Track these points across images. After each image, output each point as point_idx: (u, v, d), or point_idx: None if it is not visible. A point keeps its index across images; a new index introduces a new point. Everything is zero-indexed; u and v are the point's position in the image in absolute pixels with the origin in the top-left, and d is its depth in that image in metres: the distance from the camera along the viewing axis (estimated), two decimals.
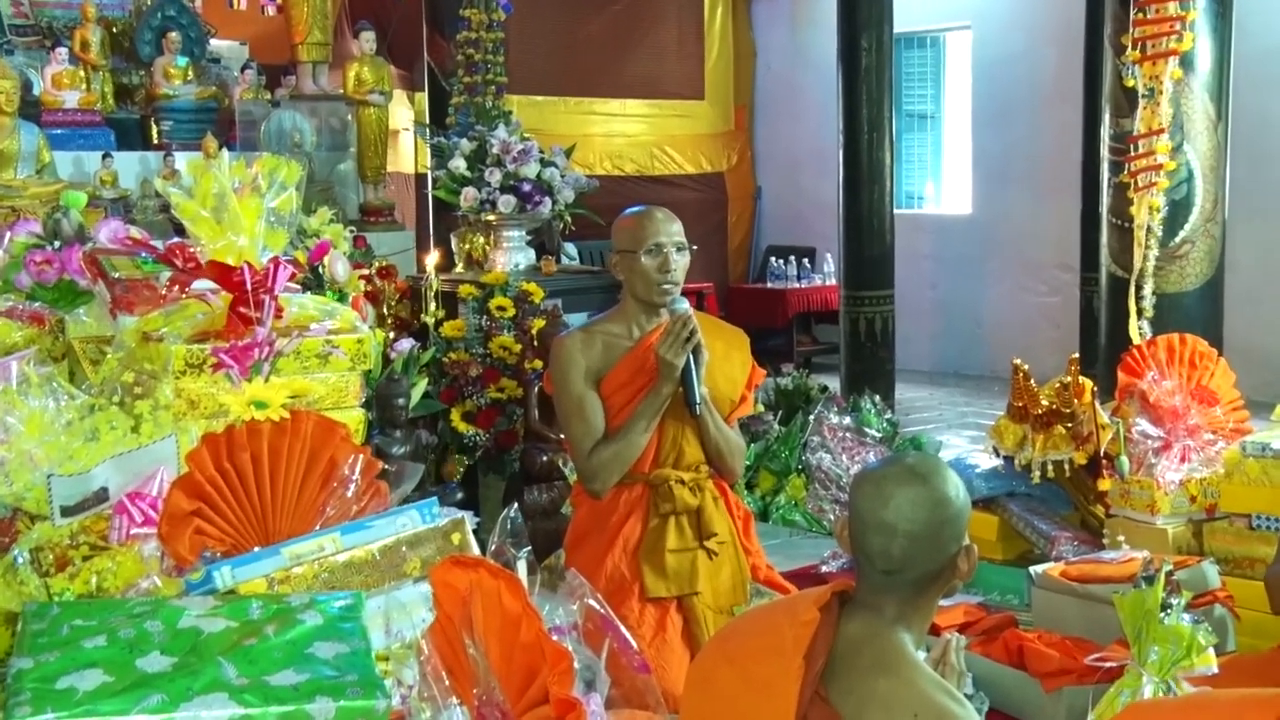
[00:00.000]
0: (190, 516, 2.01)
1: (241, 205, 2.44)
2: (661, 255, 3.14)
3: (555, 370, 3.20)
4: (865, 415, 6.57)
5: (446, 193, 6.46)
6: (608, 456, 3.12)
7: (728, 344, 3.31)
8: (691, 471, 3.20)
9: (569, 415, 3.18)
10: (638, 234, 3.16)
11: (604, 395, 3.16)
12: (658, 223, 3.17)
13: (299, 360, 2.37)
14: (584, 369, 3.15)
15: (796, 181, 12.12)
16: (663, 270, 3.14)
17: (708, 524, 3.18)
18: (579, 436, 3.16)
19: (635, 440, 3.12)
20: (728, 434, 3.24)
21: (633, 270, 3.16)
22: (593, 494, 3.18)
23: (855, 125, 8.10)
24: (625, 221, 3.22)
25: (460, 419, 5.53)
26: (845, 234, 8.28)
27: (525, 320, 5.73)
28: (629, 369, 3.16)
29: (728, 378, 3.27)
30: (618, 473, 3.15)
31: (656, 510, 3.17)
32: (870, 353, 8.24)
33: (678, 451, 3.19)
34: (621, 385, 3.16)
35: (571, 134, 9.88)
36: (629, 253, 3.16)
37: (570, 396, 3.16)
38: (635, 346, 3.19)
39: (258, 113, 8.78)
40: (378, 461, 2.14)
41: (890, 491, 1.96)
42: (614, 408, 3.16)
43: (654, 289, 3.15)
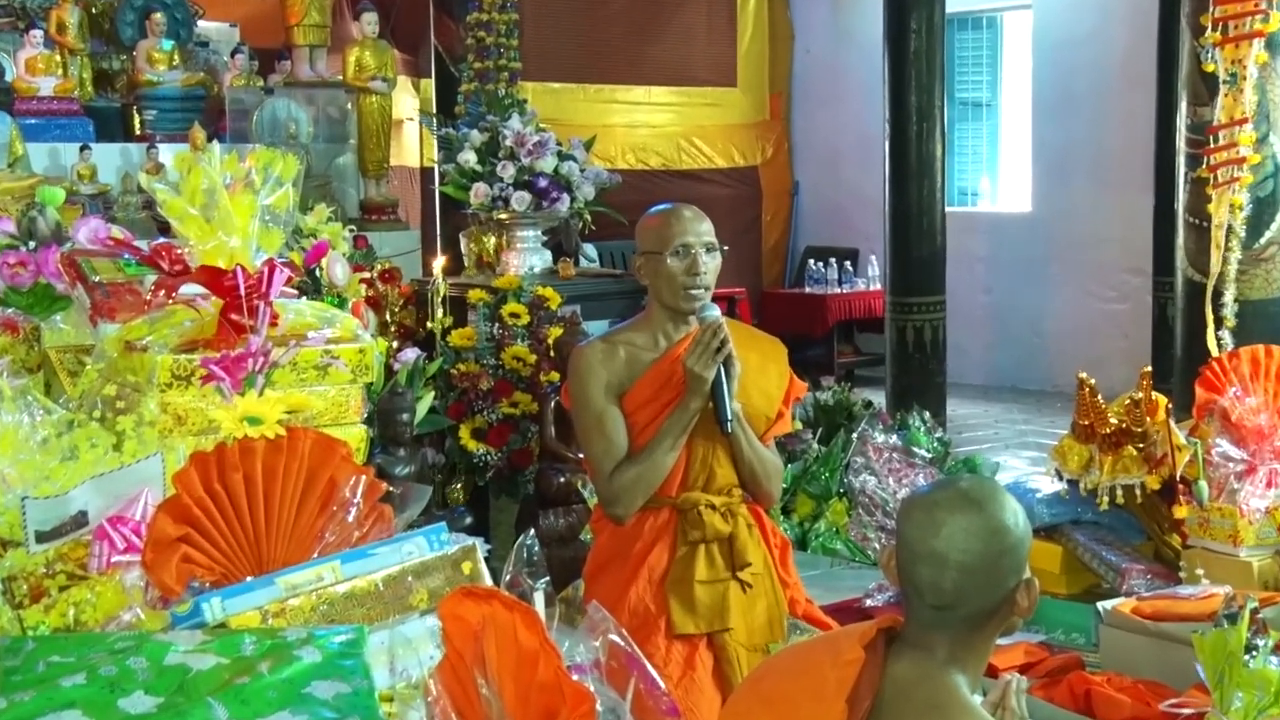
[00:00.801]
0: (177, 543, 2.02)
1: (233, 202, 2.46)
2: (689, 257, 3.14)
3: (573, 383, 3.21)
4: (914, 434, 6.55)
5: (455, 189, 6.48)
6: (630, 478, 3.13)
7: (763, 355, 3.31)
8: (723, 496, 3.20)
9: (588, 433, 3.18)
10: (663, 233, 3.16)
11: (627, 411, 3.16)
12: (685, 221, 3.17)
13: (295, 372, 2.38)
14: (605, 382, 3.15)
15: (838, 176, 12.11)
16: (691, 273, 3.14)
17: (741, 553, 3.18)
18: (599, 456, 3.16)
19: (661, 460, 3.12)
20: (763, 454, 3.23)
21: (658, 274, 3.16)
22: (614, 519, 3.18)
23: (903, 114, 8.10)
24: (650, 221, 3.22)
25: (470, 436, 5.54)
26: (891, 234, 8.27)
27: (541, 328, 5.74)
28: (654, 383, 3.16)
29: (763, 392, 3.26)
30: (642, 496, 3.15)
31: (684, 538, 3.17)
32: (919, 365, 8.22)
33: (708, 473, 3.19)
34: (646, 400, 3.16)
35: (591, 124, 9.90)
36: (654, 254, 3.16)
37: (589, 412, 3.16)
38: (661, 358, 3.18)
39: (249, 101, 8.84)
40: (381, 483, 2.15)
41: (942, 518, 1.96)
42: (638, 425, 3.16)
43: (681, 294, 3.15)
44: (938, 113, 8.13)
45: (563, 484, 5.25)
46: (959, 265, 9.38)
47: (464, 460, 5.58)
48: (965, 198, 11.53)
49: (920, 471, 5.57)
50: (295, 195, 2.58)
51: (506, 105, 6.80)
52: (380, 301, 5.84)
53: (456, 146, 6.50)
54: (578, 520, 5.23)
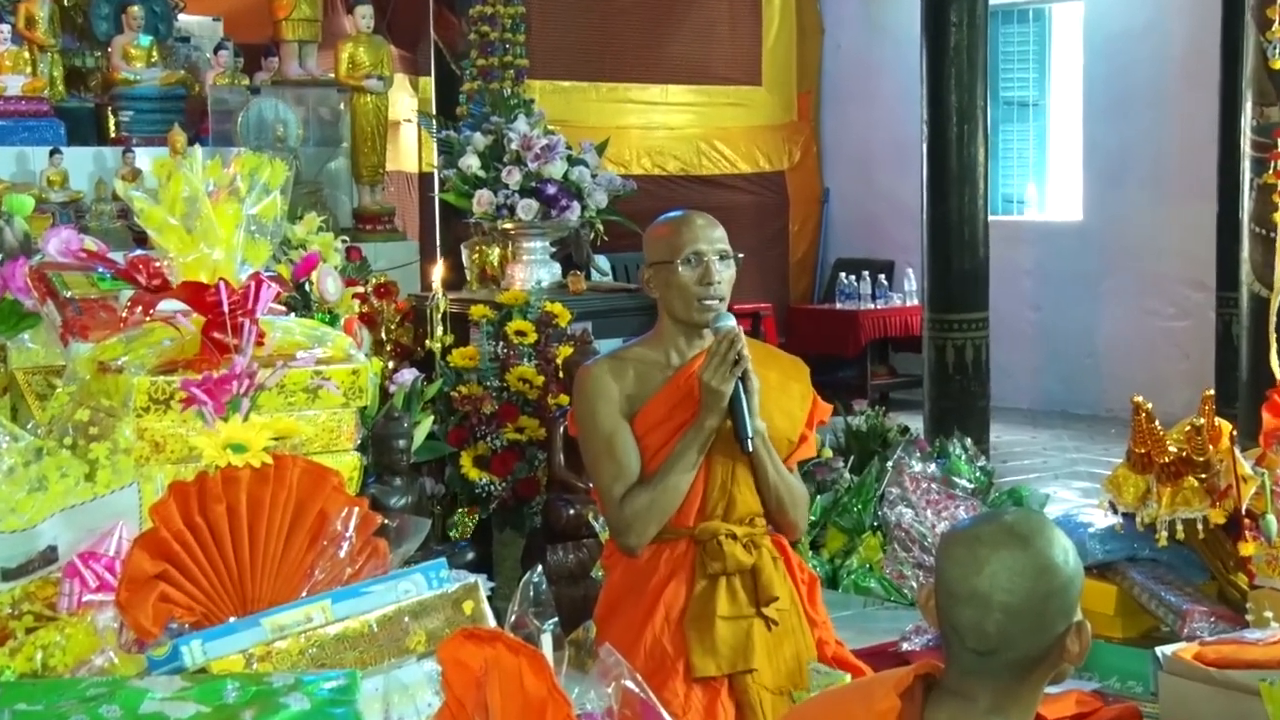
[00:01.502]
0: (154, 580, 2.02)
1: (217, 212, 2.47)
2: (702, 265, 3.16)
3: (580, 404, 3.22)
4: (954, 462, 6.54)
5: (456, 196, 6.51)
6: (643, 505, 3.13)
7: (784, 374, 3.32)
8: (745, 525, 3.20)
9: (597, 457, 3.19)
10: (673, 241, 3.18)
11: (639, 434, 3.17)
12: (697, 228, 3.19)
13: (284, 395, 2.39)
14: (614, 402, 3.16)
15: (871, 182, 12.12)
16: (704, 282, 3.15)
17: (766, 587, 3.18)
18: (608, 481, 3.17)
19: (675, 484, 3.13)
20: (789, 479, 3.24)
21: (668, 285, 3.18)
22: (626, 550, 3.18)
23: (942, 115, 8.11)
24: (658, 229, 3.25)
25: (472, 464, 5.55)
26: (930, 245, 8.27)
27: (549, 348, 5.75)
28: (668, 402, 3.17)
29: (785, 412, 3.27)
30: (655, 525, 3.15)
31: (704, 570, 3.17)
32: (960, 387, 8.21)
33: (728, 500, 3.19)
34: (659, 421, 3.17)
35: (604, 126, 9.92)
36: (663, 264, 3.18)
37: (597, 434, 3.17)
38: (675, 375, 3.19)
39: (234, 101, 8.89)
40: (376, 516, 2.15)
41: (985, 555, 1.96)
42: (650, 448, 3.17)
43: (694, 305, 3.16)
44: (980, 113, 8.14)
45: (572, 516, 5.25)
46: (1003, 279, 9.37)
47: (465, 490, 5.58)
48: (1010, 206, 11.53)
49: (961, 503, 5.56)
50: (284, 203, 2.58)
51: (512, 105, 6.82)
52: (375, 318, 5.85)
53: (458, 150, 6.52)
54: (588, 556, 5.23)
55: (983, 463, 6.92)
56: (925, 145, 8.23)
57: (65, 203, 8.07)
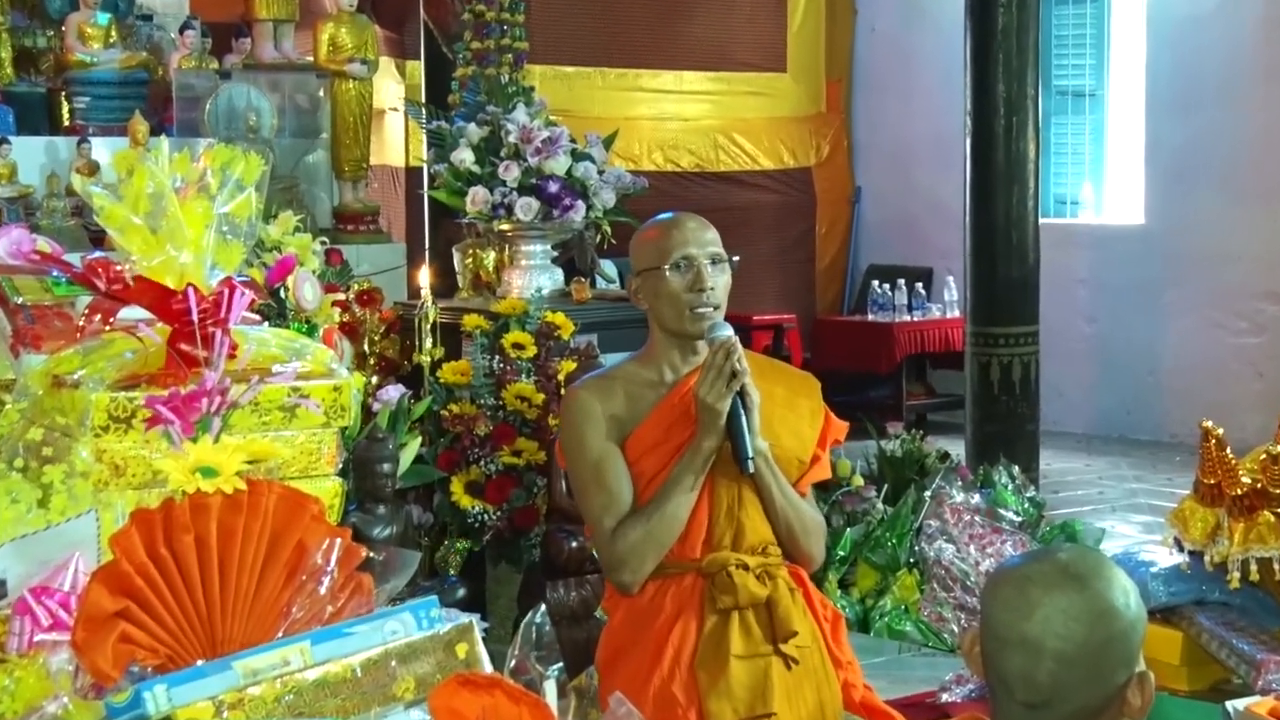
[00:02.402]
0: (114, 619, 2.03)
1: (184, 210, 2.48)
2: (693, 270, 3.19)
3: (565, 430, 3.25)
4: (1000, 492, 6.54)
5: (448, 194, 6.52)
6: (637, 537, 3.14)
7: (790, 389, 3.34)
8: (758, 555, 3.21)
9: (584, 487, 3.21)
10: (660, 246, 3.22)
11: (631, 459, 3.19)
12: (686, 230, 3.23)
13: (258, 414, 2.39)
14: (603, 425, 3.18)
15: (908, 180, 12.12)
16: (695, 289, 3.19)
17: (783, 621, 3.19)
18: (598, 513, 3.18)
19: (673, 513, 3.14)
20: (798, 504, 3.26)
21: (658, 294, 3.22)
22: (621, 589, 3.20)
23: (988, 106, 8.11)
24: (645, 234, 3.30)
25: (463, 491, 5.56)
26: (973, 250, 8.27)
27: (550, 362, 5.76)
28: (662, 423, 3.19)
29: (793, 431, 3.29)
30: (653, 559, 3.16)
31: (714, 605, 3.18)
32: (1006, 409, 8.20)
33: (736, 527, 3.21)
34: (654, 445, 3.18)
35: (612, 117, 9.95)
36: (651, 271, 3.22)
37: (585, 462, 3.19)
38: (668, 394, 3.22)
39: (201, 87, 8.91)
40: (360, 548, 2.16)
41: (1036, 597, 1.96)
42: (645, 475, 3.18)
43: (686, 314, 3.20)
44: (1030, 104, 8.14)
45: (575, 550, 5.25)
46: (1056, 288, 9.36)
47: (456, 520, 5.58)
48: (1063, 207, 11.53)
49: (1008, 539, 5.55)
50: (259, 201, 2.60)
51: (510, 93, 6.84)
52: (357, 329, 5.86)
53: (450, 143, 6.53)
54: (592, 594, 5.22)
55: (1032, 493, 6.91)
56: (969, 139, 8.23)
57: (14, 198, 8.09)
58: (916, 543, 5.92)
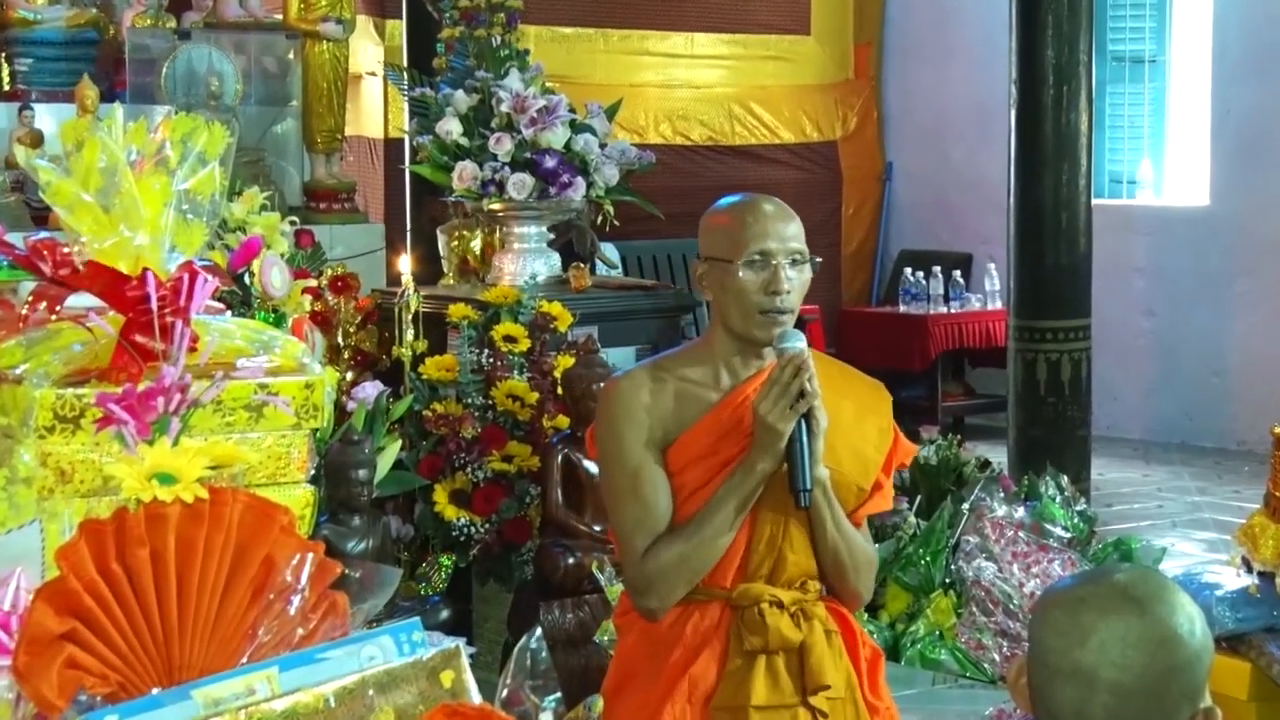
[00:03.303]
0: (60, 641, 2.03)
1: (140, 186, 2.48)
2: (769, 269, 3.15)
3: (603, 425, 3.21)
4: (1047, 505, 6.54)
5: (432, 169, 6.52)
6: (671, 561, 3.13)
7: (860, 404, 3.31)
8: (795, 590, 3.20)
9: (618, 495, 3.19)
10: (735, 235, 3.16)
11: (673, 470, 3.16)
12: (765, 219, 3.18)
13: (222, 414, 2.39)
14: (647, 427, 3.15)
15: (944, 156, 12.12)
16: (770, 290, 3.14)
17: (815, 672, 3.18)
18: (630, 527, 3.17)
19: (713, 538, 3.12)
20: (852, 539, 3.23)
21: (725, 289, 3.16)
22: (646, 614, 3.19)
23: (1035, 73, 8.11)
24: (717, 217, 3.24)
25: (448, 501, 5.56)
26: (1018, 235, 8.27)
27: (545, 358, 5.76)
28: (712, 432, 3.16)
29: (857, 455, 3.25)
30: (684, 585, 3.15)
31: (740, 646, 3.17)
32: (1054, 412, 8.20)
33: (776, 558, 3.19)
34: (700, 456, 3.16)
35: (615, 84, 9.95)
36: (721, 262, 3.17)
37: (622, 467, 3.17)
38: (723, 400, 3.18)
39: (157, 48, 8.91)
40: (335, 564, 2.16)
41: (1090, 622, 1.96)
42: (686, 488, 3.16)
43: (754, 318, 3.15)
44: (1083, 71, 8.14)
45: (572, 567, 5.25)
46: (1110, 278, 9.36)
47: (440, 533, 5.59)
48: (1119, 187, 11.53)
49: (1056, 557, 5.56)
50: (223, 177, 2.60)
51: (502, 57, 6.84)
52: (331, 319, 5.87)
53: (435, 112, 6.54)
54: (591, 616, 5.22)
55: (1082, 506, 6.90)
56: (1013, 111, 8.23)
57: None
58: (953, 561, 5.93)
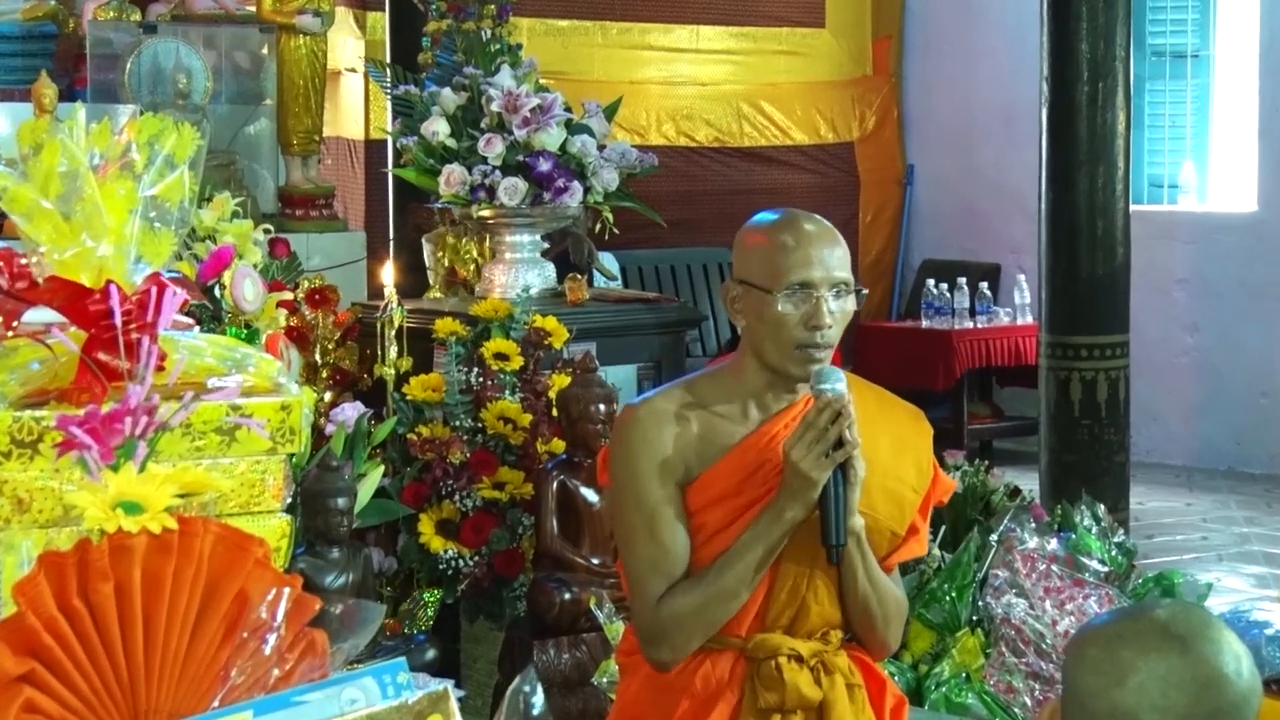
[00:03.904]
0: (18, 684, 2.03)
1: (104, 192, 2.48)
2: (810, 301, 3.08)
3: (618, 457, 3.19)
4: (1082, 536, 6.53)
5: (417, 173, 6.52)
6: (687, 610, 3.12)
7: (897, 438, 3.28)
8: (816, 641, 3.19)
9: (631, 534, 3.18)
10: (775, 261, 3.10)
11: (692, 509, 3.14)
12: (808, 245, 3.11)
13: (191, 438, 2.39)
14: (667, 463, 3.13)
15: (970, 158, 12.12)
16: (810, 325, 3.08)
17: None
18: (643, 571, 3.16)
19: (733, 589, 3.10)
20: (883, 587, 3.21)
21: (761, 318, 3.11)
22: (657, 665, 3.18)
23: (1069, 70, 8.11)
24: (756, 236, 3.18)
25: (434, 532, 5.56)
26: (1049, 244, 8.26)
27: (539, 377, 5.76)
28: (737, 472, 3.14)
29: (891, 495, 3.23)
30: (700, 637, 3.14)
31: (754, 702, 3.16)
32: (1090, 435, 8.19)
33: (798, 608, 3.18)
34: (722, 496, 3.14)
35: (615, 81, 9.97)
36: (758, 290, 3.12)
37: (637, 504, 3.15)
38: (751, 436, 3.16)
39: (121, 42, 8.91)
40: (314, 600, 2.16)
41: (1129, 660, 1.97)
42: (706, 530, 3.14)
43: (791, 354, 3.10)
44: (1120, 67, 8.14)
45: (568, 603, 5.25)
46: (1150, 290, 9.37)
47: (426, 566, 5.59)
48: (1159, 192, 11.52)
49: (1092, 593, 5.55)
50: (193, 182, 2.60)
51: (493, 52, 6.85)
52: (308, 335, 5.87)
53: (420, 112, 6.54)
54: (588, 656, 5.22)
55: (1121, 538, 6.89)
56: (1045, 110, 8.23)
57: None
58: (981, 597, 5.92)
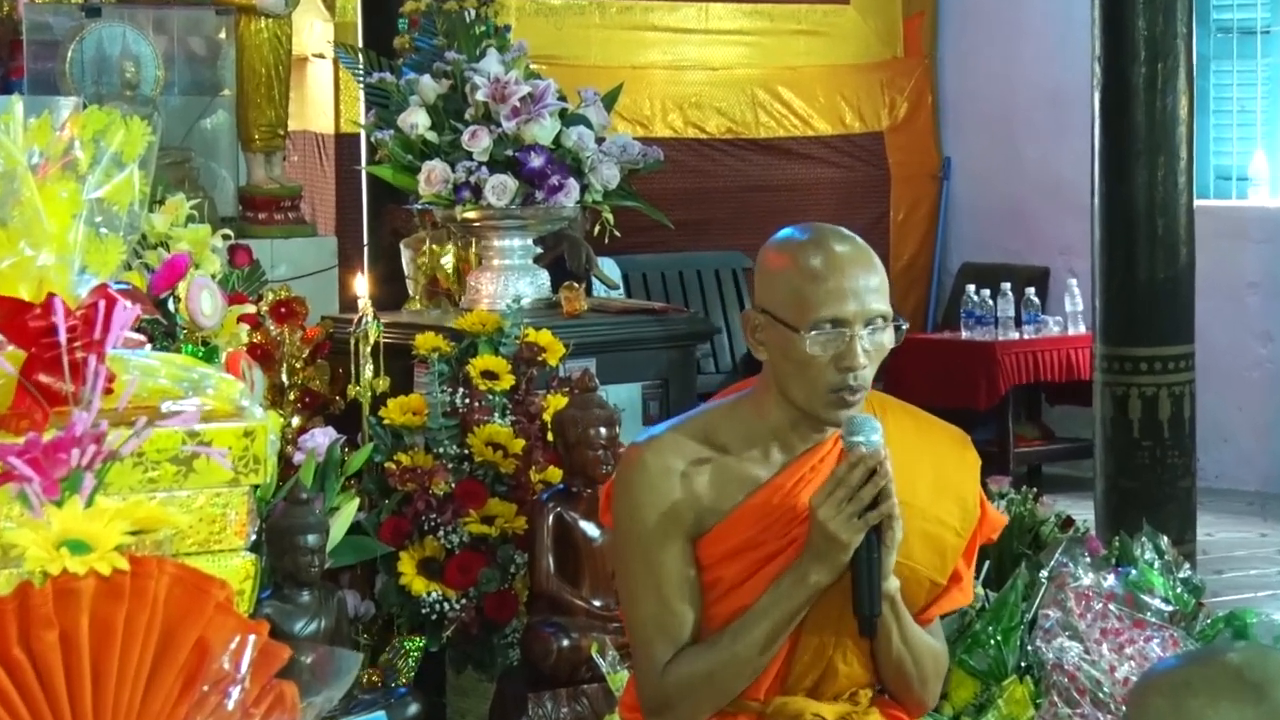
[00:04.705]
0: None
1: (44, 194, 2.49)
2: (844, 341, 3.05)
3: (623, 501, 3.19)
4: (1144, 572, 6.52)
5: (394, 171, 6.52)
6: (696, 678, 3.13)
7: (939, 470, 3.26)
8: (844, 703, 3.21)
9: (635, 590, 3.18)
10: (803, 293, 3.06)
11: (705, 563, 3.14)
12: (840, 272, 3.07)
13: (144, 468, 2.40)
14: (675, 513, 3.11)
15: (1014, 149, 12.12)
16: (842, 366, 3.05)
17: None
18: (647, 631, 3.17)
19: (748, 656, 3.11)
20: (920, 647, 3.21)
21: (787, 356, 3.08)
22: None
23: (1124, 49, 8.11)
24: (780, 258, 3.15)
25: (416, 572, 5.56)
26: (1104, 244, 8.26)
27: (532, 397, 5.76)
28: (756, 521, 3.13)
29: (932, 543, 3.22)
30: (710, 707, 3.15)
31: None
32: (1151, 458, 8.19)
33: (824, 670, 3.19)
34: (739, 549, 3.14)
35: (614, 66, 9.98)
36: (783, 326, 3.08)
37: (643, 556, 3.16)
38: (773, 480, 3.15)
39: (61, 28, 8.92)
40: (282, 648, 2.16)
41: (1198, 710, 1.98)
42: (720, 586, 3.15)
43: (821, 397, 3.07)
44: (1181, 45, 8.14)
45: (566, 650, 5.25)
46: (1217, 295, 9.36)
47: (407, 610, 5.58)
48: (1227, 185, 11.52)
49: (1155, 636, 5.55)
50: (144, 182, 2.61)
51: (478, 35, 6.86)
52: (273, 352, 5.87)
53: (397, 102, 6.54)
54: (590, 709, 5.23)
55: (1187, 573, 6.89)
56: (1097, 94, 8.23)
57: None
58: (1030, 641, 5.92)
